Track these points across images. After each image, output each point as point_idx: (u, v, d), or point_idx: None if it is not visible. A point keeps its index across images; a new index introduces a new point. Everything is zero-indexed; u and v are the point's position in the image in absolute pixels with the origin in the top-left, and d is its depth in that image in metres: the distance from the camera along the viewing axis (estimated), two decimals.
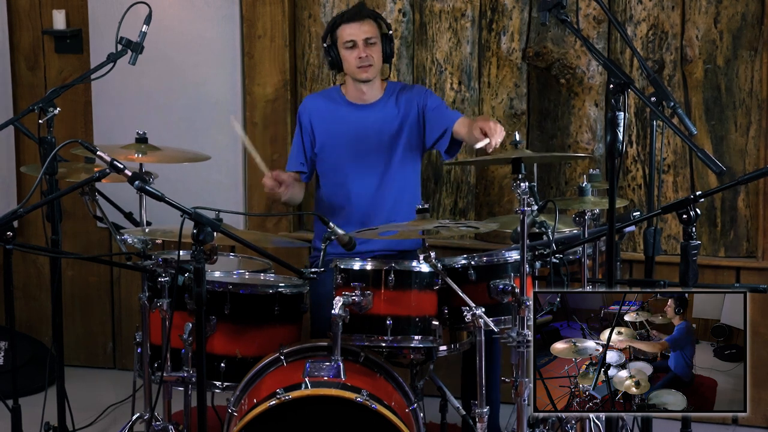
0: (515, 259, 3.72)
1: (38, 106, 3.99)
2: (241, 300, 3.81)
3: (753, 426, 4.59)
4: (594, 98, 4.73)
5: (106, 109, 5.16)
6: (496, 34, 4.79)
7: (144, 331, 3.90)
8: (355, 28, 4.26)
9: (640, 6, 4.61)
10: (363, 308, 3.64)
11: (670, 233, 4.70)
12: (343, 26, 4.27)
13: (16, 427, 3.87)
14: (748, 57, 4.55)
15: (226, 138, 5.00)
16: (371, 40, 4.26)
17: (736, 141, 4.60)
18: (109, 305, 5.38)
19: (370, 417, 3.42)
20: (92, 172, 4.11)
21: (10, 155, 5.31)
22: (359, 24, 4.26)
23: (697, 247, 3.23)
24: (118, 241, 4.01)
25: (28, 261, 5.39)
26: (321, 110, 4.41)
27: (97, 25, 5.09)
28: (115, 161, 3.35)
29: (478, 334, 3.55)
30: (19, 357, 5.03)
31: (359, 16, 4.28)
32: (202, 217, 3.26)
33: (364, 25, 4.26)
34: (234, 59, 5.00)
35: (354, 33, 4.26)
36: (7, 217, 3.36)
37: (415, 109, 4.35)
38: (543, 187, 4.80)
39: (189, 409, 3.77)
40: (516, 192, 3.44)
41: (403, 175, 4.36)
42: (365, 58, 4.26)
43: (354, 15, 4.29)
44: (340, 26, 4.28)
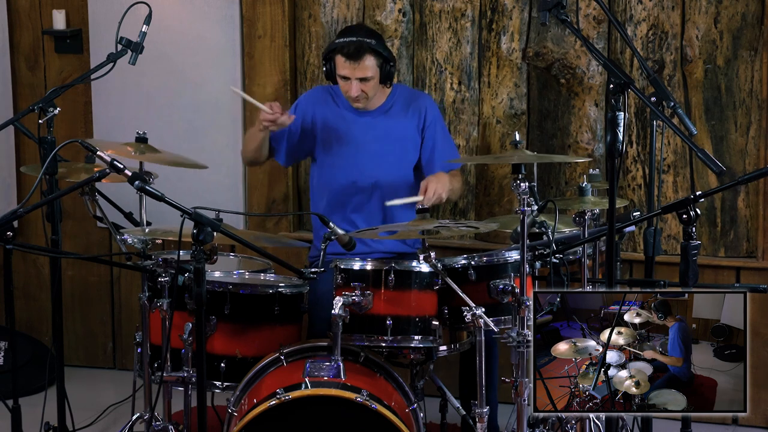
0: (515, 259, 3.72)
1: (38, 106, 3.99)
2: (241, 300, 3.81)
3: (753, 426, 4.59)
4: (594, 98, 4.73)
5: (106, 109, 5.16)
6: (496, 34, 4.79)
7: (144, 331, 3.90)
8: (351, 67, 4.18)
9: (640, 6, 4.61)
10: (363, 308, 3.64)
11: (670, 233, 4.70)
12: (340, 58, 4.20)
13: (16, 427, 3.88)
14: (748, 57, 4.55)
15: (226, 138, 5.00)
16: (366, 78, 4.21)
17: (736, 141, 4.60)
18: (109, 305, 5.38)
19: (370, 417, 3.43)
20: (92, 172, 4.11)
21: (10, 155, 5.31)
22: (356, 63, 4.17)
23: (697, 247, 3.23)
24: (118, 241, 4.01)
25: (28, 261, 5.39)
26: (325, 106, 4.40)
27: (97, 25, 5.09)
28: (115, 161, 3.36)
29: (478, 334, 3.55)
30: (19, 357, 5.03)
31: (356, 57, 4.17)
32: (202, 217, 3.26)
33: (360, 67, 4.18)
34: (234, 59, 5.00)
35: (349, 71, 4.19)
36: (7, 217, 3.36)
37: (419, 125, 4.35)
38: (543, 187, 4.79)
39: (189, 409, 3.77)
40: (516, 192, 3.44)
41: (401, 178, 4.36)
42: (357, 96, 4.23)
43: (352, 54, 4.17)
44: (337, 56, 4.20)
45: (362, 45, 4.19)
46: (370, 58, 4.19)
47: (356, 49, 4.17)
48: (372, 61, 4.20)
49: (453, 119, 4.86)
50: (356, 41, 4.19)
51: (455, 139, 4.84)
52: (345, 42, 4.20)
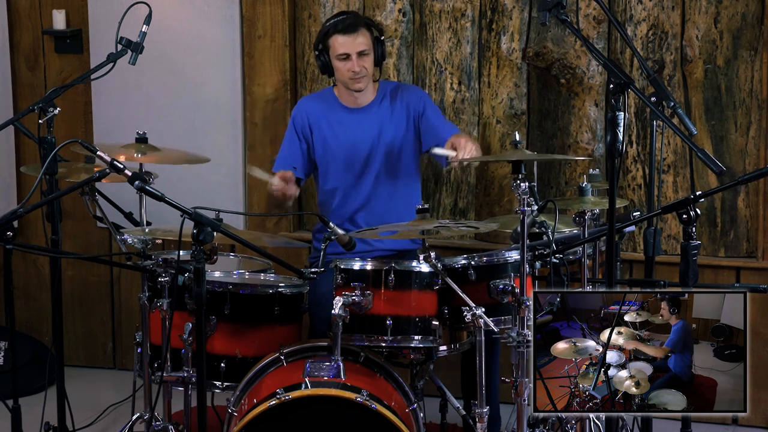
0: (515, 259, 3.72)
1: (38, 106, 3.99)
2: (241, 300, 3.81)
3: (753, 426, 4.59)
4: (594, 98, 4.73)
5: (106, 109, 5.16)
6: (496, 34, 4.79)
7: (144, 331, 3.90)
8: (348, 41, 4.21)
9: (640, 6, 4.61)
10: (363, 308, 3.64)
11: (670, 233, 4.70)
12: (336, 37, 4.22)
13: (16, 427, 3.88)
14: (748, 57, 4.55)
15: (226, 138, 5.00)
16: (365, 51, 4.23)
17: (736, 141, 4.60)
18: (109, 305, 5.38)
19: (370, 417, 3.43)
20: (92, 172, 4.11)
21: (10, 155, 5.31)
22: (353, 37, 4.21)
23: (697, 247, 3.23)
24: (118, 241, 4.01)
25: (28, 261, 5.39)
26: (317, 114, 4.41)
27: (97, 25, 5.09)
28: (115, 161, 3.36)
29: (478, 334, 3.55)
30: (19, 357, 5.03)
31: (353, 28, 4.21)
32: (202, 217, 3.26)
33: (358, 38, 4.22)
34: (234, 59, 5.00)
35: (347, 46, 4.21)
36: (7, 217, 3.36)
37: (411, 113, 4.34)
38: (543, 187, 4.79)
39: (189, 409, 3.77)
40: (516, 192, 3.44)
41: (400, 176, 4.36)
42: (359, 71, 4.24)
43: (348, 27, 4.21)
44: (332, 36, 4.23)
45: (357, 18, 4.29)
46: (365, 31, 4.25)
47: (352, 22, 4.24)
48: (367, 36, 4.25)
49: (453, 119, 4.85)
50: (350, 16, 4.29)
51: None
52: (339, 19, 4.26)
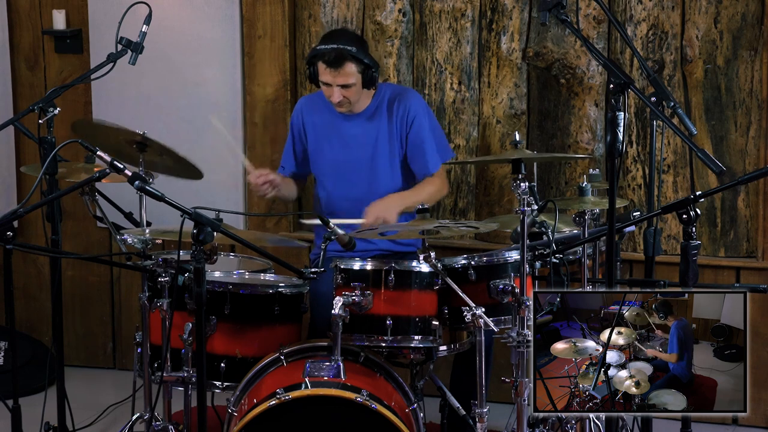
0: (515, 259, 3.72)
1: (38, 106, 3.99)
2: (241, 300, 3.81)
3: (753, 426, 4.59)
4: (594, 98, 4.73)
5: (106, 109, 5.16)
6: (496, 34, 4.79)
7: (144, 331, 3.90)
8: (332, 74, 4.15)
9: (640, 6, 4.61)
10: (363, 308, 3.64)
11: (670, 233, 4.70)
12: (321, 65, 4.17)
13: (16, 427, 3.88)
14: (748, 57, 4.55)
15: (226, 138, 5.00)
16: (348, 84, 4.18)
17: (736, 141, 4.60)
18: (109, 305, 5.38)
19: (370, 417, 3.43)
20: (92, 172, 4.11)
21: (10, 155, 5.31)
22: (336, 71, 4.14)
23: (697, 247, 3.23)
24: (118, 241, 4.01)
25: (28, 261, 5.39)
26: (313, 114, 4.41)
27: (97, 25, 5.09)
28: (115, 161, 3.36)
29: (478, 334, 3.55)
30: (19, 357, 5.03)
31: (337, 64, 4.13)
32: (202, 217, 3.26)
33: (341, 74, 4.15)
34: (234, 59, 5.00)
35: (330, 78, 4.17)
36: (7, 217, 3.36)
37: (404, 126, 4.31)
38: (543, 187, 4.79)
39: (189, 409, 3.77)
40: (516, 192, 3.44)
41: (392, 180, 4.35)
42: (339, 101, 4.21)
43: (332, 61, 4.13)
44: (318, 62, 4.17)
45: (342, 53, 4.14)
46: (351, 65, 4.16)
47: (336, 57, 4.14)
48: (353, 68, 4.17)
49: (453, 119, 4.86)
50: (336, 48, 4.15)
51: (455, 139, 4.84)
52: (325, 49, 4.16)
